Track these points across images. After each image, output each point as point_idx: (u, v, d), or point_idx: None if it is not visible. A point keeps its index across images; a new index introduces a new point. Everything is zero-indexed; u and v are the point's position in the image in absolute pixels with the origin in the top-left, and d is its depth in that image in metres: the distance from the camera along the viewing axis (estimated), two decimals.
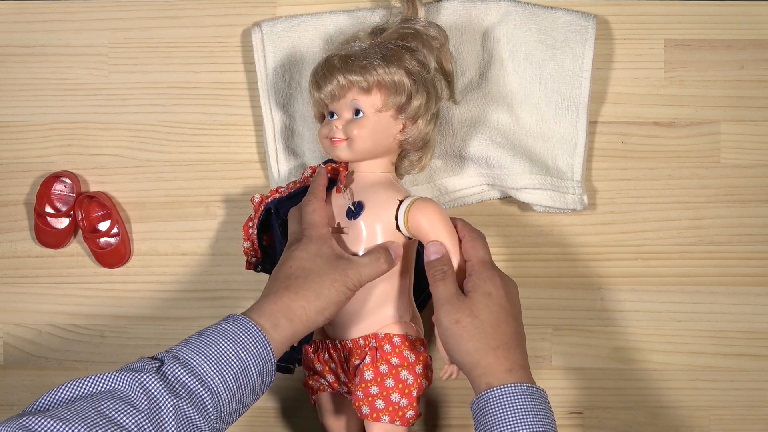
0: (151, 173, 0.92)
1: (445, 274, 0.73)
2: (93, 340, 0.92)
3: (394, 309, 0.77)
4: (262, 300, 0.71)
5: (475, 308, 0.71)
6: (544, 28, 0.88)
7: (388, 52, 0.75)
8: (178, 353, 0.67)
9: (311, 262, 0.72)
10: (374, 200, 0.76)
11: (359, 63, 0.73)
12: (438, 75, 0.79)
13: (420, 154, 0.79)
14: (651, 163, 0.91)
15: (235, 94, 0.92)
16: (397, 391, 0.75)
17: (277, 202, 0.80)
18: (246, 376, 0.67)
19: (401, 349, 0.76)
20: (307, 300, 0.70)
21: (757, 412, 0.91)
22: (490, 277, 0.72)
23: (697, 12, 0.91)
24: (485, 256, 0.74)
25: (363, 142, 0.74)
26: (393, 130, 0.75)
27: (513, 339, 0.71)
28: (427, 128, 0.76)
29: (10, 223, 0.93)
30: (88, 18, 0.92)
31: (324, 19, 0.90)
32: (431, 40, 0.78)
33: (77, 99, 0.92)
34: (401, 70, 0.74)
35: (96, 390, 0.64)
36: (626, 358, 0.91)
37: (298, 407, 0.92)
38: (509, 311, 0.72)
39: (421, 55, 0.76)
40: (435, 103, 0.77)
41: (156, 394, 0.63)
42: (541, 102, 0.89)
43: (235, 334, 0.68)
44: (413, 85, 0.74)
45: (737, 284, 0.90)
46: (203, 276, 0.92)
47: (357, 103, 0.74)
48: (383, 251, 0.74)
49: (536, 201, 0.88)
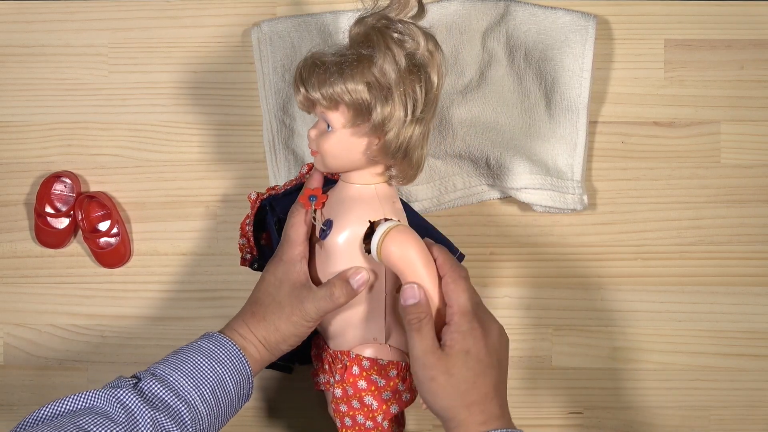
0: (151, 173, 0.92)
1: (421, 323, 0.67)
2: (93, 340, 0.92)
3: (367, 331, 0.75)
4: (234, 321, 0.74)
5: (451, 366, 0.66)
6: (544, 28, 0.88)
7: (350, 64, 0.67)
8: (155, 371, 0.69)
9: (276, 288, 0.72)
10: (345, 219, 0.71)
11: (319, 78, 0.67)
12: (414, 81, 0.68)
13: (401, 168, 0.71)
14: (651, 163, 0.91)
15: (235, 94, 0.92)
16: (362, 414, 0.75)
17: (273, 199, 0.80)
18: (223, 390, 0.69)
19: (369, 374, 0.74)
20: (267, 331, 0.72)
21: (757, 412, 0.91)
22: (470, 330, 0.67)
23: (697, 12, 0.91)
24: (466, 305, 0.68)
25: (332, 159, 0.70)
26: (360, 146, 0.69)
27: (491, 391, 0.67)
28: (399, 140, 0.68)
29: (10, 223, 0.93)
30: (88, 18, 0.92)
31: (324, 19, 0.90)
32: (399, 48, 0.67)
33: (77, 99, 0.92)
34: (360, 84, 0.66)
35: (75, 408, 0.65)
36: (626, 358, 0.91)
37: (297, 407, 0.92)
38: (488, 363, 0.67)
39: (381, 66, 0.66)
40: (408, 113, 0.67)
41: (133, 408, 0.65)
42: (541, 102, 0.89)
43: (210, 350, 0.70)
44: (373, 99, 0.67)
45: (737, 284, 0.90)
46: (203, 276, 0.92)
47: (325, 116, 0.69)
48: (340, 283, 0.70)
49: (536, 201, 0.88)
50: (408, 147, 0.69)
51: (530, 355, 0.91)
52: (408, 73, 0.67)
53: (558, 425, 0.91)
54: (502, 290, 0.91)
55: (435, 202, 0.90)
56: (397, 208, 0.74)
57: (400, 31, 0.68)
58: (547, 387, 0.91)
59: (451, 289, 0.68)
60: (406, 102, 0.67)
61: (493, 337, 0.68)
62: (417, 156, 0.70)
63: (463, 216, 0.91)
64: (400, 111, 0.67)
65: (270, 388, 0.92)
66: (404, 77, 0.67)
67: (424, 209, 0.89)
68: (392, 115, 0.67)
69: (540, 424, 0.91)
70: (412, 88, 0.67)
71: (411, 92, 0.67)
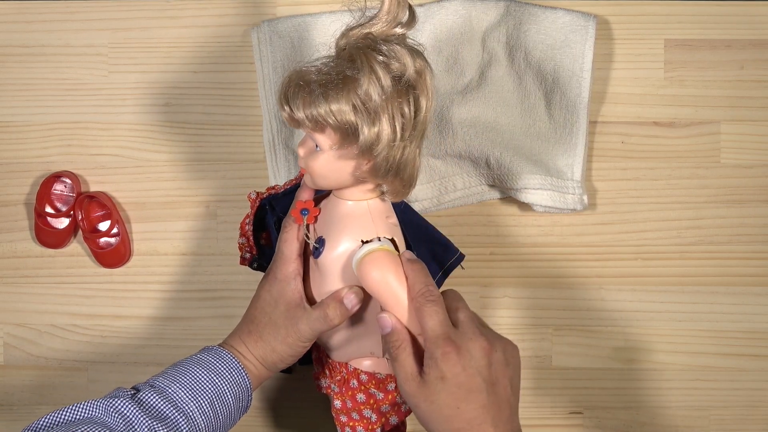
0: (151, 173, 0.92)
1: (399, 350, 0.66)
2: (93, 340, 0.92)
3: (364, 345, 0.74)
4: (232, 337, 0.74)
5: (430, 394, 0.64)
6: (543, 28, 0.88)
7: (335, 85, 0.63)
8: (154, 382, 0.69)
9: (272, 308, 0.72)
10: (337, 238, 0.70)
11: (304, 99, 0.64)
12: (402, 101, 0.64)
13: (392, 186, 0.68)
14: (651, 163, 0.91)
15: (235, 94, 0.92)
16: (361, 425, 0.75)
17: (273, 198, 0.80)
18: (221, 402, 0.69)
19: (367, 387, 0.74)
20: (264, 351, 0.72)
21: (757, 412, 0.91)
22: (442, 356, 0.64)
23: (697, 12, 0.91)
24: (435, 329, 0.65)
25: (321, 179, 0.68)
26: (348, 167, 0.67)
27: (478, 416, 0.64)
28: (388, 161, 0.65)
29: (10, 223, 0.93)
30: (88, 18, 0.92)
31: (324, 19, 0.90)
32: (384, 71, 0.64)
33: (77, 99, 0.92)
34: (346, 106, 0.63)
35: (74, 418, 0.65)
36: (626, 358, 0.91)
37: (297, 407, 0.92)
38: (470, 388, 0.64)
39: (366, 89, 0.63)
40: (397, 134, 0.64)
41: (131, 418, 0.65)
42: (541, 102, 0.89)
43: (209, 363, 0.70)
44: (360, 122, 0.63)
45: (737, 284, 0.90)
46: (203, 276, 0.92)
47: (312, 136, 0.67)
48: (333, 304, 0.69)
49: (536, 201, 0.88)
50: (399, 166, 0.66)
51: (530, 355, 0.91)
52: (396, 95, 0.64)
53: (558, 425, 0.91)
54: (502, 290, 0.91)
55: (435, 202, 0.90)
56: (391, 224, 0.71)
57: (384, 54, 0.64)
58: (547, 387, 0.91)
59: (420, 316, 0.66)
60: (394, 124, 0.64)
61: (474, 356, 0.65)
62: (408, 173, 0.68)
63: (463, 216, 0.91)
64: (389, 133, 0.64)
65: (270, 388, 0.92)
66: (391, 99, 0.63)
67: (424, 209, 0.89)
68: (380, 137, 0.64)
69: (540, 424, 0.91)
70: (401, 108, 0.64)
71: (399, 113, 0.64)
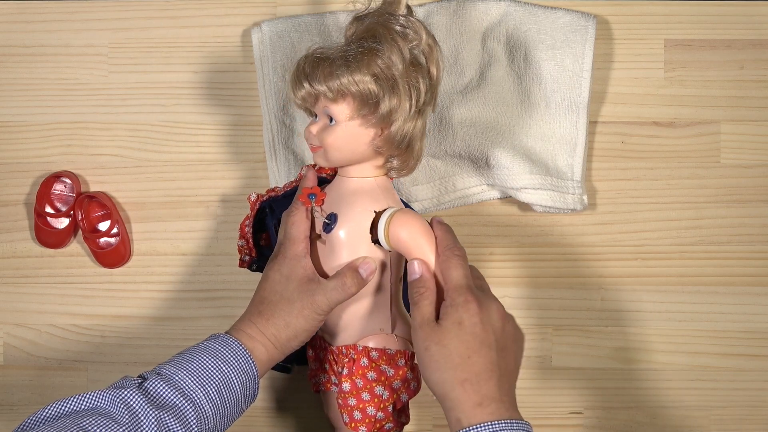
0: (151, 173, 0.92)
1: (421, 297, 0.69)
2: (93, 340, 0.92)
3: (373, 322, 0.75)
4: (240, 322, 0.73)
5: (444, 337, 0.66)
6: (544, 28, 0.88)
7: (356, 56, 0.69)
8: (161, 370, 0.69)
9: (283, 285, 0.72)
10: (349, 212, 0.73)
11: (324, 71, 0.69)
12: (417, 74, 0.71)
13: (404, 159, 0.73)
14: (651, 163, 0.91)
15: (235, 94, 0.92)
16: (372, 405, 0.74)
17: (272, 201, 0.80)
18: (229, 389, 0.69)
19: (378, 364, 0.74)
20: (277, 328, 0.71)
21: (757, 412, 0.91)
22: (464, 303, 0.66)
23: (697, 12, 0.91)
24: (460, 280, 0.68)
25: (336, 152, 0.71)
26: (366, 137, 0.71)
27: (486, 371, 0.65)
28: (403, 131, 0.70)
29: (10, 223, 0.93)
30: (88, 18, 0.92)
31: (324, 19, 0.90)
32: (403, 41, 0.70)
33: (77, 99, 0.92)
34: (367, 75, 0.68)
35: (78, 408, 0.65)
36: (626, 358, 0.91)
37: (297, 407, 0.92)
38: (484, 341, 0.66)
39: (388, 58, 0.69)
40: (413, 105, 0.70)
41: (137, 409, 0.65)
42: (541, 102, 0.89)
43: (216, 350, 0.70)
44: (380, 90, 0.68)
45: (737, 284, 0.90)
46: (203, 276, 0.92)
47: (328, 110, 0.71)
48: (350, 273, 0.71)
49: (536, 201, 0.88)
50: (411, 138, 0.71)
51: (530, 355, 0.91)
52: (412, 66, 0.70)
53: (558, 425, 0.91)
54: (502, 290, 0.91)
55: (435, 202, 0.90)
56: (397, 200, 0.75)
57: (402, 24, 0.71)
58: (547, 387, 0.91)
59: (445, 267, 0.69)
60: (411, 93, 0.70)
61: (492, 315, 0.67)
62: (418, 147, 0.73)
63: (463, 216, 0.91)
64: (406, 102, 0.70)
65: (270, 388, 0.92)
66: (409, 69, 0.70)
67: (424, 209, 0.90)
68: (399, 105, 0.69)
69: (540, 424, 0.91)
70: (416, 79, 0.70)
71: (415, 84, 0.70)
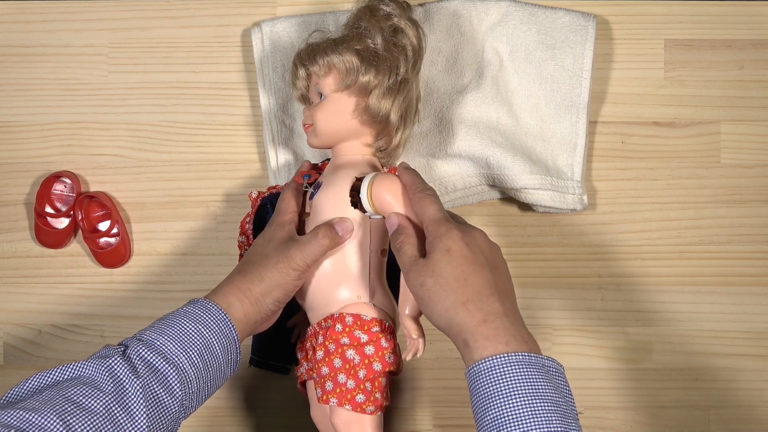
0: (151, 173, 0.92)
1: (403, 243, 0.70)
2: (93, 340, 0.92)
3: (350, 289, 0.76)
4: (221, 283, 0.74)
5: (436, 267, 0.67)
6: (544, 28, 0.88)
7: (342, 38, 0.78)
8: (142, 336, 0.69)
9: (264, 246, 0.75)
10: (332, 179, 0.77)
11: (314, 52, 0.77)
12: (396, 51, 0.78)
13: (386, 136, 0.78)
14: (651, 163, 0.91)
15: (235, 94, 0.92)
16: (343, 371, 0.73)
17: (274, 197, 0.81)
18: (210, 353, 0.69)
19: (352, 329, 0.74)
20: (252, 282, 0.73)
21: (757, 412, 0.90)
22: (446, 232, 0.68)
23: (697, 12, 0.91)
24: (436, 213, 0.70)
25: (324, 124, 0.77)
26: (349, 107, 0.77)
27: (485, 289, 0.66)
28: (381, 103, 0.76)
29: (10, 223, 0.93)
30: (88, 18, 0.92)
31: (324, 19, 0.90)
32: (385, 21, 0.78)
33: (77, 99, 0.92)
34: (349, 51, 0.76)
35: (63, 378, 0.65)
36: (626, 358, 0.91)
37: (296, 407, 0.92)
38: (475, 261, 0.67)
39: (371, 35, 0.77)
40: (389, 78, 0.76)
41: (121, 376, 0.65)
42: (541, 102, 0.89)
43: (196, 315, 0.71)
44: (361, 63, 0.76)
45: (737, 284, 0.90)
46: (203, 276, 0.92)
47: (319, 87, 0.78)
48: (324, 227, 0.74)
49: (536, 201, 0.88)
50: (387, 113, 0.77)
51: None
52: (393, 45, 0.77)
53: None
54: None
55: None
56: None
57: (387, 3, 0.79)
58: None
59: (419, 207, 0.71)
60: (390, 68, 0.77)
61: (476, 237, 0.69)
62: (395, 125, 0.78)
63: (463, 216, 0.91)
64: (385, 74, 0.76)
65: (264, 389, 0.92)
66: (389, 46, 0.77)
67: None
68: (378, 77, 0.76)
69: None
70: (395, 57, 0.77)
71: (394, 60, 0.77)
